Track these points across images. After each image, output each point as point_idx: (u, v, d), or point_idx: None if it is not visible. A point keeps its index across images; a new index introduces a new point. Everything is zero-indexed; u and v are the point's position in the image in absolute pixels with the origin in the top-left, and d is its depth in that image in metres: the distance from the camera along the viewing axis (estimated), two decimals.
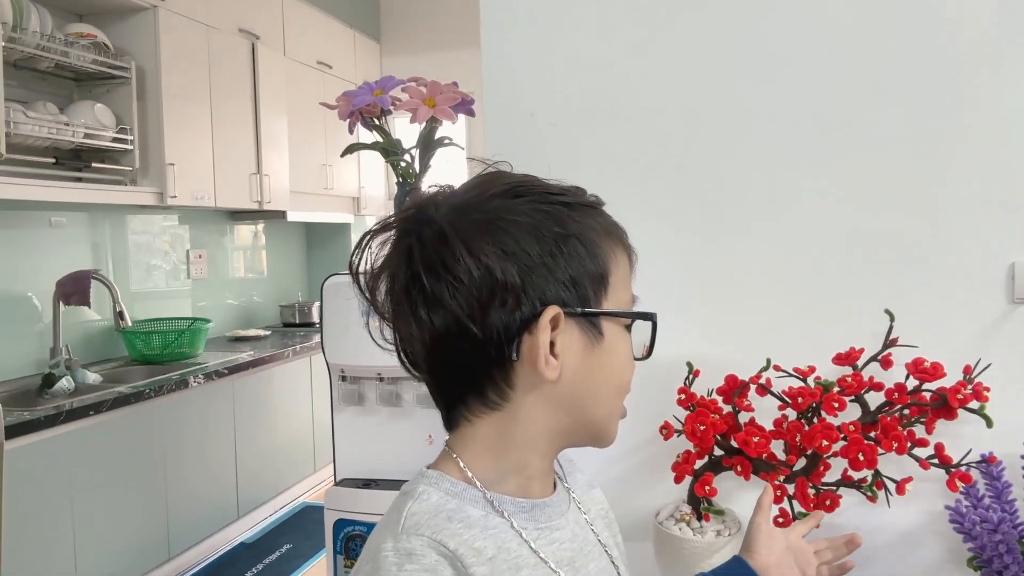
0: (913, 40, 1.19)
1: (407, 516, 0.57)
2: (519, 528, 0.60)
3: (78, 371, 2.71)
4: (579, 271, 0.59)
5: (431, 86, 1.60)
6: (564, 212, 0.60)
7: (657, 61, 1.31)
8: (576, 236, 0.59)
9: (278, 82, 3.79)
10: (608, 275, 0.61)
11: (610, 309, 0.61)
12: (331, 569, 1.65)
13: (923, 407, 1.03)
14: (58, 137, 2.59)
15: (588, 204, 0.63)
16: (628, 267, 0.65)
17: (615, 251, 0.63)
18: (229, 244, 3.99)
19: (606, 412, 0.64)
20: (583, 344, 0.60)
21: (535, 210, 0.59)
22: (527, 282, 0.57)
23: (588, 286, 0.60)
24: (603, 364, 0.61)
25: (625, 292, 0.64)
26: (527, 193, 0.60)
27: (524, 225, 0.58)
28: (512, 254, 0.57)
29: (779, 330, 1.25)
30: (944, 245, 1.18)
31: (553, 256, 0.58)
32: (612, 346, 0.61)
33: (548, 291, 0.58)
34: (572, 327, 0.59)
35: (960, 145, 1.18)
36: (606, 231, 0.63)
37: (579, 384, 0.60)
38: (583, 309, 0.59)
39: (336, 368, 1.65)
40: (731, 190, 1.28)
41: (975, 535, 1.05)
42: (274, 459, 3.39)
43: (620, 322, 0.62)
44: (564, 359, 0.59)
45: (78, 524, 2.33)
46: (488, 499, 0.60)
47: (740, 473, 1.06)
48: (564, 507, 0.66)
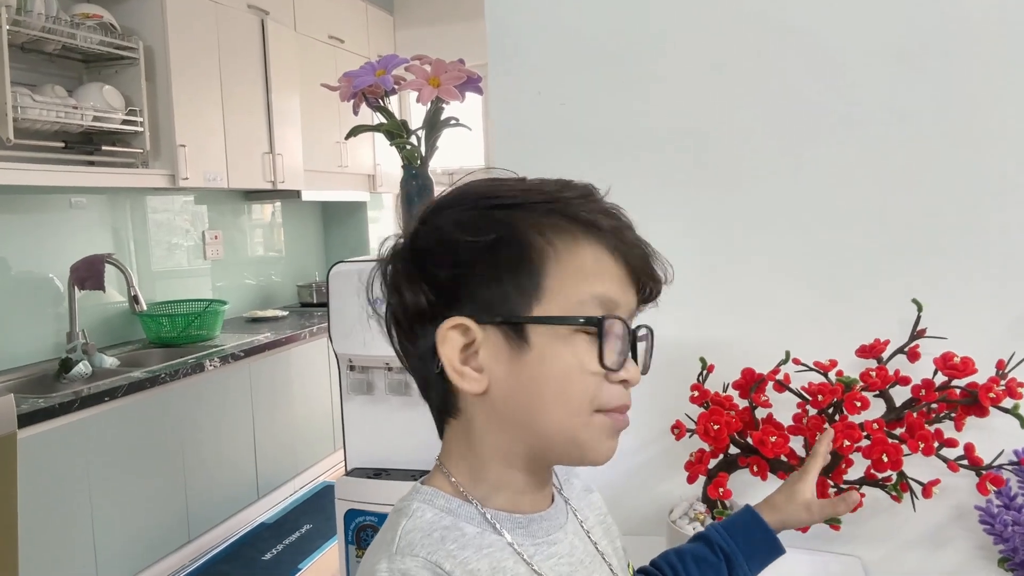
0: (947, 20, 1.11)
1: (401, 535, 0.56)
2: (516, 545, 0.58)
3: (95, 355, 2.72)
4: (498, 278, 0.56)
5: (436, 64, 1.54)
6: (491, 217, 0.57)
7: (672, 40, 1.24)
8: (498, 240, 0.56)
9: (289, 59, 3.73)
10: (539, 277, 0.56)
11: (539, 314, 0.56)
12: (342, 559, 1.63)
13: (952, 404, 0.97)
14: (67, 121, 2.57)
15: (536, 201, 0.57)
16: (599, 262, 0.57)
17: (563, 247, 0.56)
18: (245, 224, 3.98)
19: (561, 427, 0.57)
20: (508, 353, 0.56)
21: (456, 220, 0.58)
22: (439, 300, 0.57)
23: (511, 292, 0.56)
24: (535, 375, 0.56)
25: (576, 290, 0.56)
26: (461, 202, 0.59)
27: (440, 240, 0.58)
28: (431, 275, 0.57)
29: (799, 320, 1.19)
30: (975, 232, 1.11)
31: (471, 267, 0.56)
32: (544, 354, 0.56)
33: (460, 304, 0.56)
34: (496, 335, 0.56)
35: (992, 129, 1.10)
36: (553, 227, 0.57)
37: (514, 396, 0.57)
38: (502, 317, 0.56)
39: (344, 357, 1.62)
40: (750, 173, 1.22)
41: (1007, 537, 1.00)
42: (293, 440, 3.40)
43: (561, 328, 0.56)
44: (491, 370, 0.56)
45: (96, 509, 2.35)
46: (484, 515, 0.58)
47: (756, 473, 1.01)
48: (562, 519, 0.64)
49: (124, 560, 2.48)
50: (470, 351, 0.56)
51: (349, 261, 1.61)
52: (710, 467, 1.05)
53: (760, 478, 1.02)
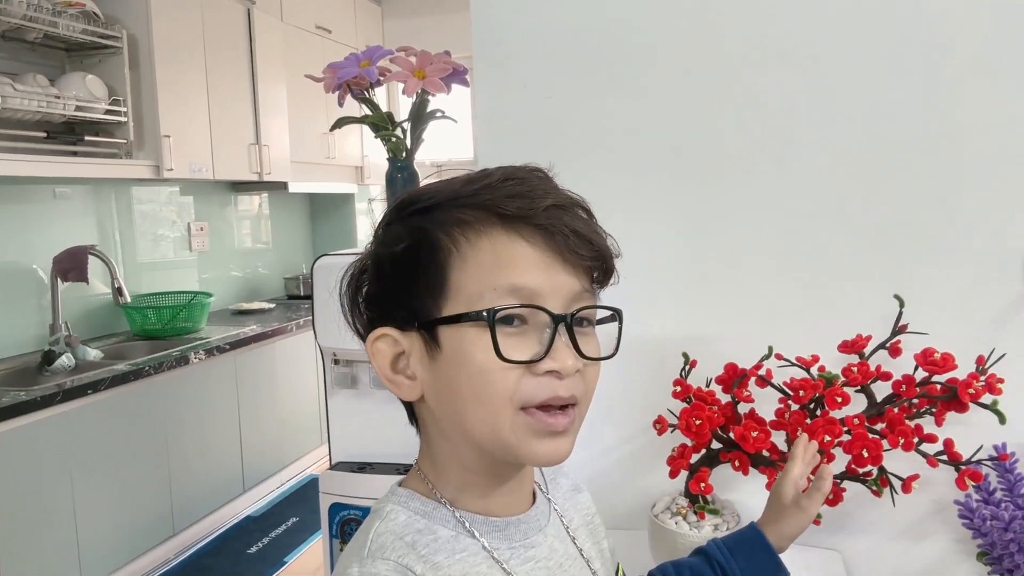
0: (927, 18, 1.11)
1: (374, 538, 0.56)
2: (490, 549, 0.58)
3: (78, 347, 2.70)
4: (412, 284, 0.56)
5: (421, 56, 1.53)
6: (407, 223, 0.58)
7: (658, 35, 1.24)
8: (409, 247, 0.56)
9: (275, 49, 3.70)
10: (445, 277, 0.55)
11: (445, 314, 0.54)
12: (327, 553, 1.63)
13: (932, 399, 0.97)
14: (48, 110, 2.54)
15: (449, 199, 0.56)
16: (500, 250, 0.54)
17: (465, 241, 0.54)
18: (232, 216, 3.95)
19: (484, 426, 0.55)
20: (428, 358, 0.56)
21: (380, 234, 0.59)
22: (374, 313, 0.59)
23: (424, 296, 0.56)
24: (449, 376, 0.55)
25: (476, 284, 0.54)
26: (389, 218, 0.60)
27: (372, 258, 0.59)
28: (364, 292, 0.60)
29: (782, 315, 1.19)
30: (957, 228, 1.12)
31: (389, 278, 0.57)
32: (454, 354, 0.54)
33: (386, 315, 0.58)
34: (417, 342, 0.57)
35: (973, 125, 1.10)
36: (459, 222, 0.55)
37: (440, 400, 0.57)
38: (416, 323, 0.56)
39: (328, 351, 1.61)
40: (733, 167, 1.22)
41: (985, 531, 1.01)
42: (279, 433, 3.39)
43: (466, 326, 0.53)
44: (421, 377, 0.57)
45: (79, 503, 2.33)
46: (458, 519, 0.58)
47: (738, 468, 1.01)
48: (543, 521, 0.63)
49: (107, 554, 2.47)
50: (403, 360, 0.57)
51: (334, 254, 1.60)
52: (692, 462, 1.05)
53: (742, 473, 1.02)
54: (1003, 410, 0.92)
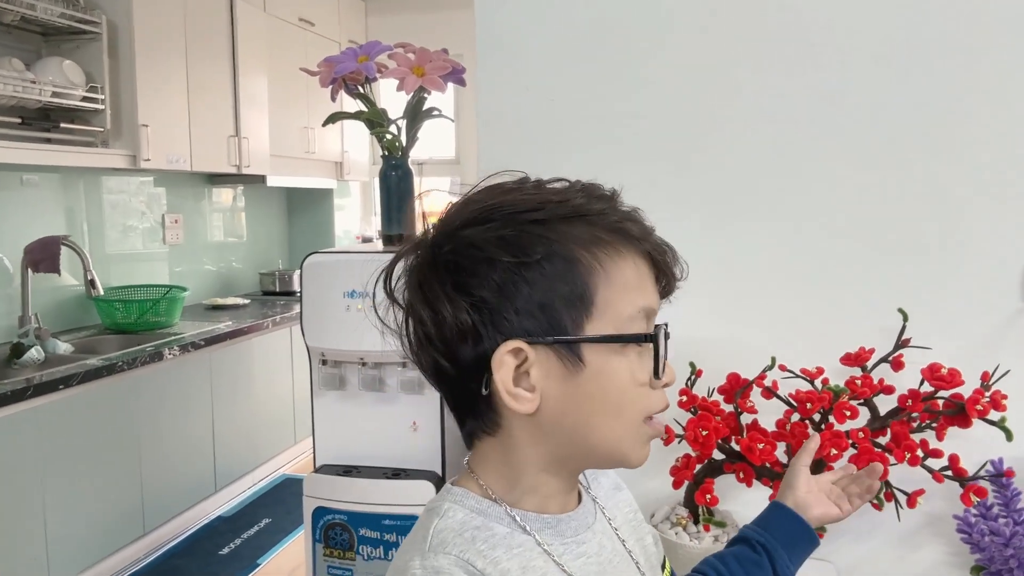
0: (932, 28, 1.11)
1: (434, 533, 0.56)
2: (544, 545, 0.59)
3: (48, 341, 2.62)
4: (549, 297, 0.55)
5: (420, 53, 1.51)
6: (538, 234, 0.55)
7: (662, 38, 1.23)
8: (547, 259, 0.55)
9: (257, 40, 3.63)
10: (590, 294, 0.55)
11: (596, 332, 0.55)
12: (309, 557, 1.59)
13: (936, 414, 0.98)
14: (24, 96, 2.46)
15: (574, 215, 0.56)
16: (640, 274, 0.58)
17: (609, 261, 0.56)
18: (206, 208, 3.87)
19: (612, 438, 0.58)
20: (562, 373, 0.56)
21: (496, 238, 0.56)
22: (487, 320, 0.55)
23: (562, 311, 0.55)
24: (590, 392, 0.56)
25: (626, 305, 0.57)
26: (493, 217, 0.57)
27: (481, 259, 0.56)
28: (471, 294, 0.55)
29: (784, 326, 1.19)
30: (959, 241, 1.12)
31: (517, 287, 0.55)
32: (600, 372, 0.56)
33: (511, 325, 0.55)
34: (548, 356, 0.56)
35: (978, 139, 1.11)
36: (595, 240, 0.56)
37: (565, 414, 0.57)
38: (555, 338, 0.55)
39: (316, 351, 1.57)
40: (737, 178, 1.21)
41: (983, 546, 1.01)
42: (253, 431, 3.33)
43: (614, 344, 0.56)
44: (544, 389, 0.56)
45: (48, 501, 2.26)
46: (512, 516, 0.59)
47: (742, 480, 1.01)
48: (590, 519, 0.64)
49: (76, 553, 2.40)
50: (521, 371, 0.56)
51: (324, 252, 1.56)
52: (695, 472, 1.04)
53: (745, 484, 1.01)
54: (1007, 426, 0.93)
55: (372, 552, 1.54)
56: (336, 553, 1.57)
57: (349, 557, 1.56)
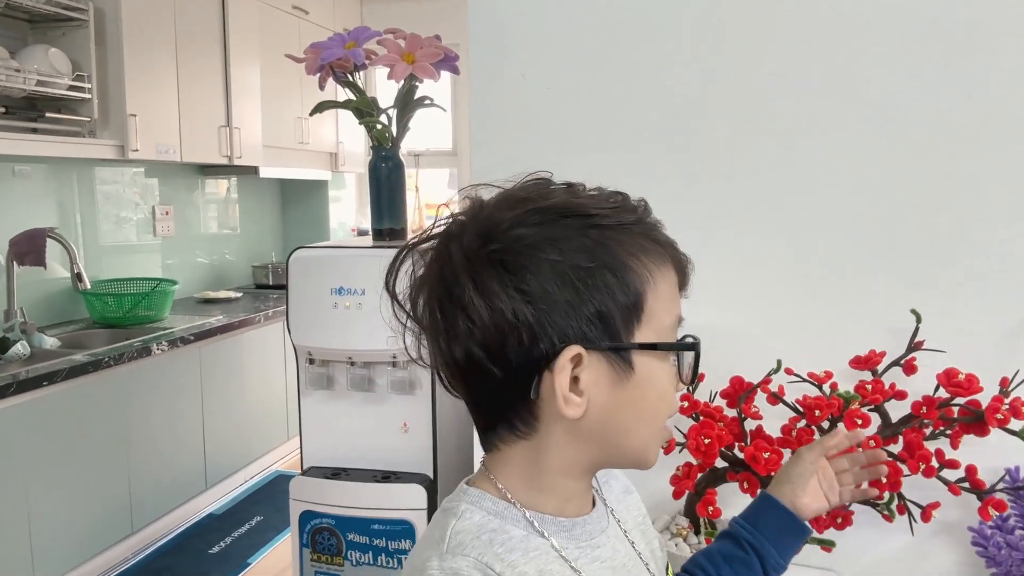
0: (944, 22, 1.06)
1: (452, 535, 0.57)
2: (560, 548, 0.59)
3: (34, 335, 2.56)
4: (606, 304, 0.55)
5: (410, 39, 1.45)
6: (595, 239, 0.56)
7: (663, 23, 1.17)
8: (605, 266, 0.55)
9: (249, 28, 3.56)
10: (642, 302, 0.57)
11: (643, 340, 0.57)
12: (297, 562, 1.55)
13: (951, 421, 0.92)
14: (8, 84, 2.39)
15: (627, 222, 0.58)
16: (673, 283, 0.60)
17: (656, 270, 0.58)
18: (199, 200, 3.80)
19: (642, 442, 0.60)
20: (611, 379, 0.57)
21: (557, 240, 0.55)
22: (545, 322, 0.55)
23: (617, 318, 0.56)
24: (635, 398, 0.58)
25: (667, 314, 0.59)
26: (549, 219, 0.56)
27: (545, 262, 0.55)
28: (528, 294, 0.54)
29: (790, 327, 1.14)
30: (976, 239, 1.07)
31: (577, 292, 0.55)
32: (646, 378, 0.58)
33: (569, 329, 0.55)
34: (599, 362, 0.56)
35: (996, 134, 1.05)
36: (643, 250, 0.58)
37: (609, 419, 0.58)
38: (610, 344, 0.56)
39: (303, 350, 1.52)
40: (741, 171, 1.16)
41: (999, 560, 0.96)
42: (245, 428, 3.27)
43: (660, 352, 0.58)
44: (591, 395, 0.56)
45: (32, 500, 2.21)
46: (529, 519, 0.59)
47: (747, 491, 0.96)
48: (604, 523, 0.65)
49: (62, 553, 2.35)
50: (571, 376, 0.56)
51: (311, 247, 1.51)
52: (697, 482, 0.99)
53: (750, 495, 0.96)
54: None
55: (360, 558, 1.49)
56: (324, 558, 1.52)
57: (337, 562, 1.51)
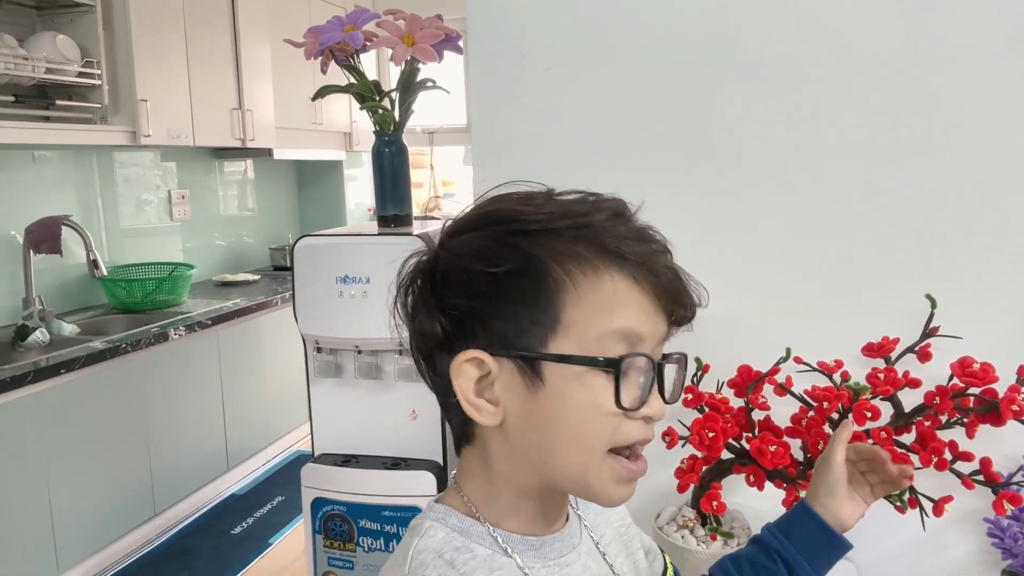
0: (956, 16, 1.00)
1: (413, 555, 0.56)
2: (526, 568, 0.57)
3: (53, 322, 2.59)
4: (514, 309, 0.53)
5: (410, 20, 1.41)
6: (511, 244, 0.54)
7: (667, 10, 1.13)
8: (516, 271, 0.53)
9: (259, 7, 3.53)
10: (557, 311, 0.53)
11: (558, 351, 0.53)
12: (310, 549, 1.55)
13: (966, 411, 0.89)
14: (16, 73, 2.39)
15: (557, 228, 0.54)
16: (617, 293, 0.54)
17: (583, 279, 0.53)
18: (215, 183, 3.81)
19: (573, 466, 0.55)
20: (523, 389, 0.54)
21: (477, 247, 0.55)
22: (455, 329, 0.55)
23: (527, 325, 0.53)
24: (548, 414, 0.54)
25: (595, 326, 0.53)
26: (480, 225, 0.56)
27: (460, 268, 0.55)
28: (443, 300, 0.56)
29: (800, 314, 1.11)
30: (993, 222, 1.03)
31: (488, 299, 0.54)
32: (559, 393, 0.53)
33: (476, 335, 0.54)
34: (512, 370, 0.54)
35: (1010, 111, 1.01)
36: (575, 257, 0.53)
37: (527, 432, 0.55)
38: (516, 352, 0.53)
39: (311, 339, 1.51)
40: (748, 154, 1.12)
41: (1016, 552, 0.93)
42: (265, 409, 3.30)
43: (577, 367, 0.53)
44: (506, 404, 0.55)
45: (54, 485, 2.25)
46: (494, 536, 0.58)
47: (752, 484, 0.93)
48: (575, 539, 0.63)
49: (85, 536, 2.39)
50: (486, 383, 0.55)
51: (317, 234, 1.49)
52: (701, 475, 0.96)
53: (756, 488, 0.94)
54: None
55: (372, 544, 1.50)
56: (336, 545, 1.52)
57: (349, 549, 1.52)
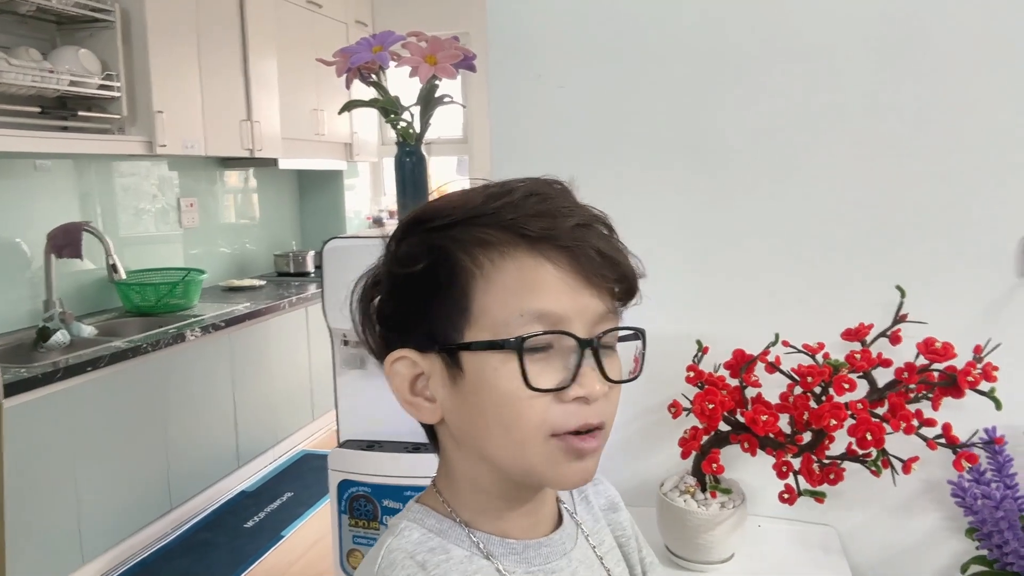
0: (929, 16, 1.15)
1: (384, 554, 0.55)
2: (507, 573, 0.56)
3: (73, 324, 2.70)
4: (429, 305, 0.54)
5: (432, 42, 1.55)
6: (424, 241, 0.55)
7: (671, 30, 1.27)
8: (428, 267, 0.54)
9: (267, 22, 3.66)
10: (468, 300, 0.53)
11: (472, 339, 0.53)
12: (335, 527, 1.67)
13: (931, 385, 1.03)
14: (43, 85, 2.51)
15: (468, 216, 0.54)
16: (523, 273, 0.52)
17: (488, 263, 0.53)
18: (220, 191, 3.93)
19: (511, 453, 0.54)
20: (449, 382, 0.55)
21: (400, 252, 0.57)
22: (390, 331, 0.57)
23: (443, 319, 0.54)
24: (473, 404, 0.54)
25: (504, 309, 0.52)
26: (406, 229, 0.58)
27: (386, 272, 0.57)
28: (375, 306, 0.58)
29: (786, 304, 1.24)
30: (954, 221, 1.17)
31: (403, 298, 0.56)
32: (477, 380, 0.53)
33: (405, 335, 0.56)
34: (439, 365, 0.55)
35: (974, 118, 1.15)
36: (481, 242, 0.53)
37: (462, 425, 0.56)
38: (438, 346, 0.54)
39: (338, 332, 1.64)
40: (739, 162, 1.26)
41: (976, 510, 1.07)
42: (273, 409, 3.41)
43: (491, 353, 0.52)
44: (440, 399, 0.56)
45: (80, 479, 2.35)
46: (473, 539, 0.57)
47: (747, 450, 1.07)
48: (568, 545, 0.61)
49: (107, 529, 2.50)
50: (422, 381, 0.56)
51: (343, 237, 1.62)
52: (702, 443, 1.10)
53: (750, 454, 1.07)
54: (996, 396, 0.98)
55: None
56: (361, 523, 1.65)
57: (373, 527, 1.64)
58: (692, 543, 1.13)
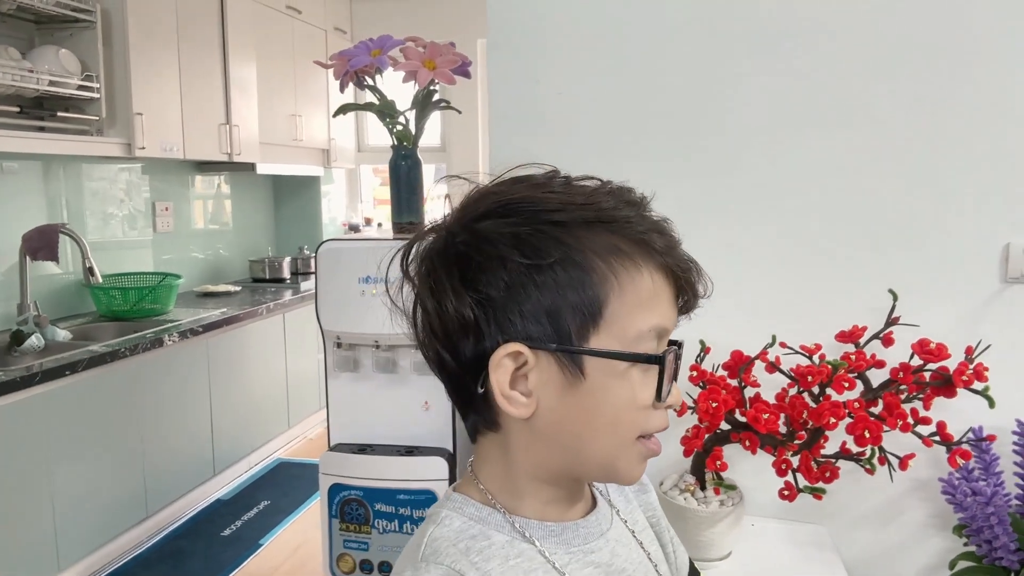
0: (922, 19, 1.20)
1: (427, 542, 0.56)
2: (548, 554, 0.57)
3: (47, 328, 2.64)
4: (555, 303, 0.53)
5: (430, 48, 1.56)
6: (549, 235, 0.53)
7: (671, 34, 1.30)
8: (557, 263, 0.52)
9: (246, 27, 3.64)
10: (600, 307, 0.53)
11: (599, 347, 0.53)
12: (325, 532, 1.66)
13: (924, 385, 1.07)
14: (22, 84, 2.47)
15: (595, 220, 0.54)
16: (653, 291, 0.55)
17: (624, 274, 0.54)
18: (195, 196, 3.88)
19: (604, 453, 0.56)
20: (561, 382, 0.54)
21: (512, 235, 0.53)
22: (489, 317, 0.54)
23: (568, 319, 0.53)
24: (587, 406, 0.54)
25: (635, 323, 0.54)
26: (512, 212, 0.54)
27: (493, 255, 0.53)
28: (476, 290, 0.54)
29: (782, 307, 1.28)
30: (943, 226, 1.22)
31: (524, 288, 0.53)
32: (600, 388, 0.54)
33: (512, 326, 0.53)
34: (549, 363, 0.54)
35: (963, 129, 1.20)
36: (613, 251, 0.54)
37: (562, 423, 0.55)
38: (558, 346, 0.53)
39: (331, 335, 1.63)
40: (737, 170, 1.29)
41: (966, 506, 1.11)
42: (249, 416, 3.37)
43: (619, 362, 0.54)
44: (540, 396, 0.54)
45: (56, 485, 2.30)
46: (513, 524, 0.57)
47: (748, 448, 1.09)
48: (604, 525, 0.62)
49: (84, 535, 2.44)
50: (519, 374, 0.54)
51: (338, 239, 1.62)
52: (704, 441, 1.12)
53: (751, 452, 1.10)
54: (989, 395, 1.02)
55: (387, 526, 1.61)
56: (352, 527, 1.63)
57: (365, 531, 1.63)
58: (692, 541, 1.15)
